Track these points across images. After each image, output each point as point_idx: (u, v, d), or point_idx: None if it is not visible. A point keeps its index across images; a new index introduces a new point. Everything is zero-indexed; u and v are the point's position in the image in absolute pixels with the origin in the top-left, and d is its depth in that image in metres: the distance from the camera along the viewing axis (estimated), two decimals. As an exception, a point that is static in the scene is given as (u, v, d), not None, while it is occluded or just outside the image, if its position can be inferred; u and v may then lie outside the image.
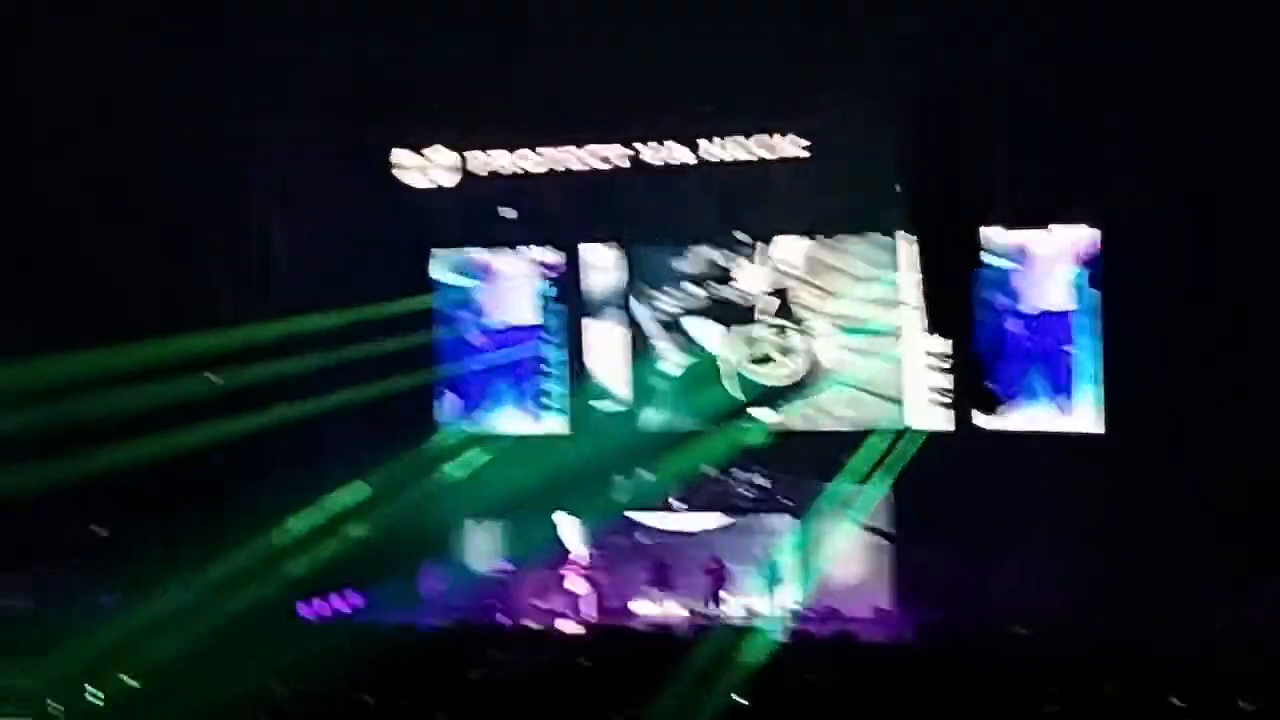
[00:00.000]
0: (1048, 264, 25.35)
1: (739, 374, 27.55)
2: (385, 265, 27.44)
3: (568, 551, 27.00)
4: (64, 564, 23.68)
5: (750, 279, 27.41)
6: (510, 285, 28.67)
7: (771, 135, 25.74)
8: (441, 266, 28.65)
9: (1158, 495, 22.99)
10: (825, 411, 27.15)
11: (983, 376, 24.63)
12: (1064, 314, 25.30)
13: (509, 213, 27.64)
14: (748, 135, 25.81)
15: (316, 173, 27.02)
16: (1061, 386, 25.33)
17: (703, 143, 26.01)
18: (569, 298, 28.48)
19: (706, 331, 27.75)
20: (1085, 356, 25.11)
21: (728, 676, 17.83)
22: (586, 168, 26.65)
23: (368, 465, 26.88)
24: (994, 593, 23.94)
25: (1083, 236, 24.89)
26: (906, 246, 25.34)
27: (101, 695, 18.46)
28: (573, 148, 26.54)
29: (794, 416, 27.23)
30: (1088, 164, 23.89)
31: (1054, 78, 23.30)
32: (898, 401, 26.55)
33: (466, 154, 26.97)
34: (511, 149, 26.76)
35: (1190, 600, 21.62)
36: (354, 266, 27.08)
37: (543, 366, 28.57)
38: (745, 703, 16.66)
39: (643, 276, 28.15)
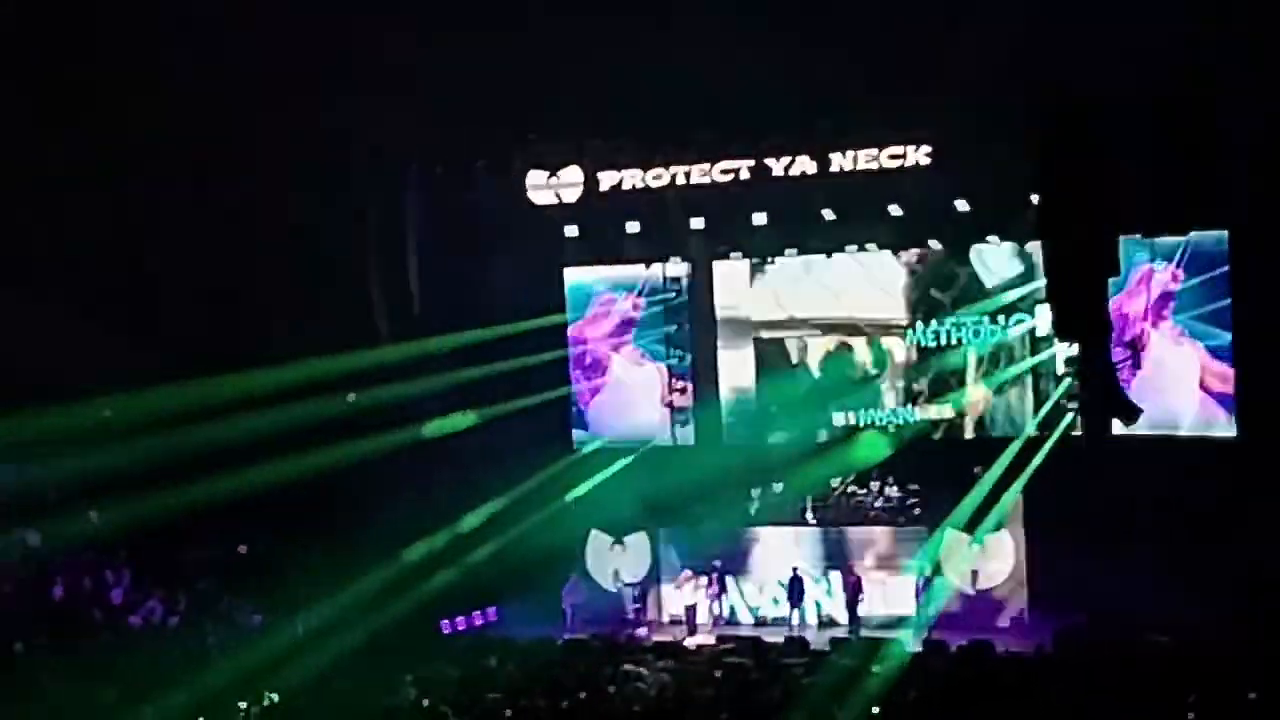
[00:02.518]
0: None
1: (875, 384, 27.67)
2: (517, 284, 27.90)
3: (699, 563, 27.08)
4: (211, 583, 24.12)
5: (882, 288, 27.54)
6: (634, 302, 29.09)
7: (897, 145, 25.71)
8: (571, 284, 29.06)
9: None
10: (958, 420, 27.22)
11: (1118, 384, 24.39)
12: (1188, 318, 25.23)
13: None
14: (878, 147, 25.83)
15: (449, 195, 27.59)
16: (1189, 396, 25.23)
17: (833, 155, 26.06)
18: (695, 312, 28.73)
19: (841, 344, 27.99)
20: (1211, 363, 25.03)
21: (864, 686, 17.89)
22: (710, 181, 26.79)
23: (504, 480, 27.21)
24: (1131, 600, 23.68)
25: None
26: (1039, 253, 25.20)
27: (247, 712, 18.90)
28: (700, 164, 26.72)
29: (928, 425, 27.34)
30: (1220, 168, 23.60)
31: (1182, 80, 23.07)
32: (1030, 409, 26.50)
33: (599, 174, 27.23)
34: (641, 167, 26.97)
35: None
36: (487, 285, 27.60)
37: (670, 380, 28.85)
38: (878, 710, 16.71)
39: (774, 288, 28.37)
